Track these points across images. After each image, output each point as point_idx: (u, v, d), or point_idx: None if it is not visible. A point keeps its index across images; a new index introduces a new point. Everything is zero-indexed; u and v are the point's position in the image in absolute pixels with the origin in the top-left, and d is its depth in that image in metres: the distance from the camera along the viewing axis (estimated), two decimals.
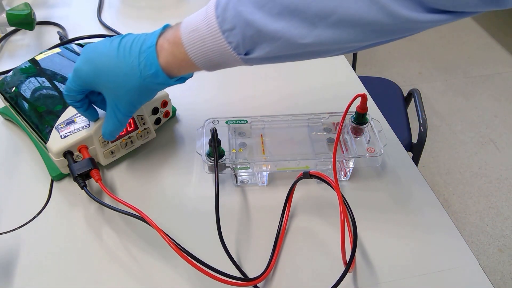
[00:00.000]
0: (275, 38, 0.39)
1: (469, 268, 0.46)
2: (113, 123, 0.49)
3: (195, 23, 0.42)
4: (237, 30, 0.39)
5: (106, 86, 0.46)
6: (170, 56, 0.43)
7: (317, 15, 0.36)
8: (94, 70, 0.45)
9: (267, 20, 0.38)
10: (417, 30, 0.38)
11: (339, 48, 0.41)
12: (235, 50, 0.41)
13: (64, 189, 0.55)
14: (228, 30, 0.40)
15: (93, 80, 0.46)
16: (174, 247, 0.42)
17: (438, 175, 1.62)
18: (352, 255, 0.43)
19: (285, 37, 0.38)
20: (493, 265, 1.35)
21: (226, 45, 0.41)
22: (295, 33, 0.38)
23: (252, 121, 0.58)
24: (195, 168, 0.57)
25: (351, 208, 0.47)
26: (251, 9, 0.38)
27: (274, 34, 0.39)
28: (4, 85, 0.60)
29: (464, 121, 1.85)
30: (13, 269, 0.46)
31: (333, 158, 0.51)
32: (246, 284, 0.43)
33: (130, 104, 0.47)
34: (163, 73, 0.44)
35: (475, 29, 2.43)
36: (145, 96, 0.48)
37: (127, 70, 0.44)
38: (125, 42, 0.45)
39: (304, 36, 0.38)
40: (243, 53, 0.41)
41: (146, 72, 0.44)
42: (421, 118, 1.10)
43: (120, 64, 0.44)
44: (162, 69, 0.44)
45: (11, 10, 0.74)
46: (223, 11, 0.40)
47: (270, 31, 0.38)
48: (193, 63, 0.43)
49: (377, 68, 2.17)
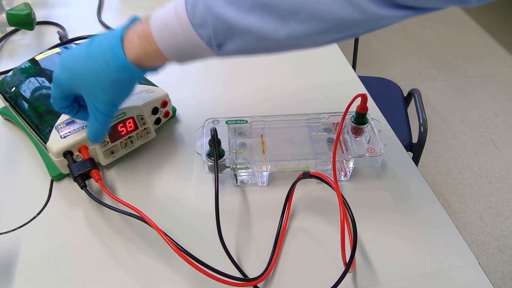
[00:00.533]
0: (247, 33, 0.39)
1: (469, 268, 0.46)
2: (94, 125, 0.49)
3: (165, 17, 0.42)
4: (208, 24, 0.39)
5: (83, 87, 0.46)
6: (141, 50, 0.43)
7: (288, 10, 0.36)
8: (69, 76, 0.46)
9: (239, 15, 0.38)
10: (384, 25, 0.38)
11: (312, 42, 0.41)
12: (207, 44, 0.41)
13: (64, 189, 0.55)
14: (199, 24, 0.40)
15: (71, 84, 0.47)
16: (174, 247, 0.42)
17: (438, 175, 1.62)
18: (352, 255, 0.43)
19: (257, 32, 0.38)
20: (493, 265, 1.35)
21: (198, 39, 0.41)
22: (267, 28, 0.38)
23: (252, 121, 0.58)
24: (195, 168, 0.57)
25: (351, 208, 0.47)
26: (222, 4, 0.38)
27: (246, 29, 0.38)
28: (4, 85, 0.60)
29: (464, 121, 1.85)
30: (13, 269, 0.46)
31: (332, 158, 0.51)
32: (246, 284, 0.43)
33: (108, 103, 0.47)
34: (131, 66, 0.44)
35: (475, 29, 2.43)
36: (121, 91, 0.47)
37: (97, 67, 0.44)
38: (95, 42, 0.45)
39: (276, 30, 0.38)
40: (216, 46, 0.41)
41: (115, 67, 0.44)
42: (421, 118, 1.10)
43: (90, 62, 0.45)
44: (131, 62, 0.44)
45: (11, 10, 0.74)
46: (193, 5, 0.40)
47: (241, 26, 0.38)
48: (165, 57, 0.44)
49: (377, 68, 2.17)
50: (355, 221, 0.45)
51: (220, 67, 0.76)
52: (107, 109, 0.47)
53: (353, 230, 0.45)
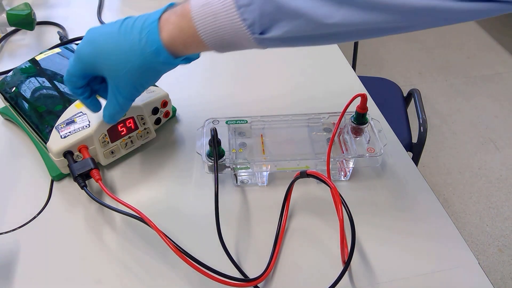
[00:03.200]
0: (297, 16, 0.35)
1: (469, 268, 0.46)
2: (113, 106, 0.46)
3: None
4: (255, 5, 0.36)
5: (106, 66, 0.43)
6: (176, 30, 0.40)
7: None
8: (95, 51, 0.43)
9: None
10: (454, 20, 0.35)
11: (365, 31, 0.37)
12: (250, 29, 0.38)
13: (64, 189, 0.55)
14: (244, 5, 0.37)
15: (94, 61, 0.44)
16: (174, 248, 0.42)
17: (438, 175, 1.62)
18: (351, 255, 0.43)
19: (307, 15, 0.35)
20: (493, 265, 1.35)
21: (240, 22, 0.37)
22: (319, 11, 0.34)
23: (252, 121, 0.58)
24: (195, 168, 0.57)
25: (349, 207, 0.46)
26: None
27: (296, 11, 0.35)
28: (4, 85, 0.60)
29: (464, 121, 1.85)
30: (13, 269, 0.46)
31: (327, 157, 0.51)
32: (247, 284, 0.43)
33: (132, 87, 0.44)
34: (165, 50, 0.41)
35: (475, 29, 2.43)
36: (147, 77, 0.44)
37: (127, 48, 0.41)
38: (128, 20, 0.43)
39: (329, 15, 0.34)
40: (258, 32, 0.38)
41: (147, 49, 0.41)
42: (421, 118, 1.10)
43: (121, 42, 0.41)
44: (165, 46, 0.41)
45: (11, 10, 0.74)
46: None
47: (292, 8, 0.35)
48: (201, 40, 0.40)
49: (377, 68, 2.17)
50: (353, 221, 0.45)
51: (220, 67, 0.76)
52: (129, 92, 0.45)
53: (351, 229, 0.45)
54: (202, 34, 0.40)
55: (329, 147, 0.52)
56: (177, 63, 0.43)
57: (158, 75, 0.45)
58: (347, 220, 0.44)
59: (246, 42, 0.40)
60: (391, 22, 0.35)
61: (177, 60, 0.43)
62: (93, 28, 0.45)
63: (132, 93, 0.45)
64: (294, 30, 0.37)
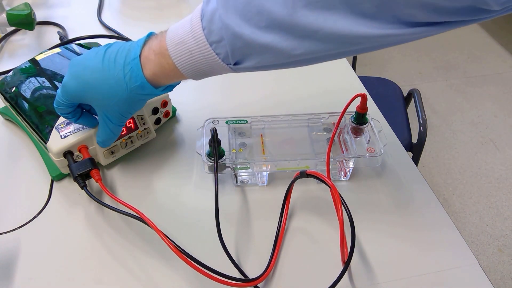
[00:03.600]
0: (266, 50, 0.38)
1: (469, 268, 0.46)
2: (106, 133, 0.49)
3: (181, 34, 0.41)
4: (225, 42, 0.39)
5: (94, 99, 0.46)
6: (158, 67, 0.43)
7: (305, 30, 0.36)
8: (81, 85, 0.45)
9: (256, 33, 0.37)
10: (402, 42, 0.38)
11: (328, 57, 0.40)
12: (224, 61, 0.41)
13: (64, 189, 0.55)
14: (215, 42, 0.39)
15: (81, 95, 0.46)
16: (173, 248, 0.42)
17: (438, 175, 1.62)
18: (350, 255, 0.43)
19: (275, 49, 0.38)
20: (493, 265, 1.35)
21: (215, 56, 0.40)
22: (284, 45, 0.37)
23: (252, 121, 0.58)
24: (195, 168, 0.57)
25: (348, 207, 0.46)
26: (238, 22, 0.37)
27: (263, 47, 0.38)
28: (4, 85, 0.60)
29: (464, 121, 1.85)
30: (13, 269, 0.46)
31: (327, 157, 0.51)
32: (246, 284, 0.43)
33: (120, 115, 0.47)
34: (149, 84, 0.44)
35: (475, 29, 2.43)
36: (134, 106, 0.47)
37: (113, 83, 0.44)
38: (110, 54, 0.45)
39: (295, 48, 0.37)
40: (232, 63, 0.41)
41: (132, 84, 0.44)
42: (421, 118, 1.10)
43: (106, 77, 0.44)
44: (148, 80, 0.44)
45: (11, 10, 0.74)
46: (209, 22, 0.39)
47: (259, 44, 0.38)
48: (181, 73, 0.43)
49: (377, 68, 2.17)
50: (353, 221, 0.45)
51: None
52: (119, 119, 0.48)
53: (351, 229, 0.45)
54: (181, 69, 0.43)
55: (329, 147, 0.52)
56: (159, 92, 0.46)
57: (143, 103, 0.49)
58: (347, 220, 0.44)
59: (223, 70, 0.43)
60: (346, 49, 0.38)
61: (159, 90, 0.46)
62: (75, 61, 0.47)
63: (121, 119, 0.48)
64: (265, 61, 0.40)
